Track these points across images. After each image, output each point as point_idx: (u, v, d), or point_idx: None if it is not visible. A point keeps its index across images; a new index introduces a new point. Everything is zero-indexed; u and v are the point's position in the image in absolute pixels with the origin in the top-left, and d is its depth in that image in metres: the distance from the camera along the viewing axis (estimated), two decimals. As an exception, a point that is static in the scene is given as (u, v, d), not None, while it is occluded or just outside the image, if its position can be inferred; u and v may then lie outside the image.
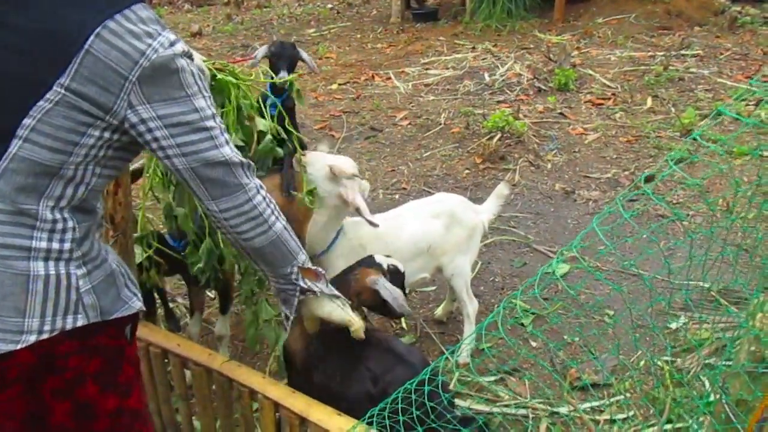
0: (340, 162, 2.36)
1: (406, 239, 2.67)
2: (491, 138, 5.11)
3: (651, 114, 5.59)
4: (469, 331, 2.87)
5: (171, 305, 3.11)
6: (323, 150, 2.59)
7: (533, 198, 4.41)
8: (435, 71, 7.25)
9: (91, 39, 1.12)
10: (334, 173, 2.31)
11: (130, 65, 1.14)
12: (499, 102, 6.12)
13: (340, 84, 7.16)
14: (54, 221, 1.20)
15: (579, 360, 2.82)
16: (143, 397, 1.47)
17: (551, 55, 6.97)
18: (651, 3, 8.66)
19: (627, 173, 4.65)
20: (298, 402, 1.77)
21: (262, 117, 2.08)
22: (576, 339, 2.94)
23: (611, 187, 4.48)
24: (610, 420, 2.43)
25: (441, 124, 5.73)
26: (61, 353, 1.22)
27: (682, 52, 7.00)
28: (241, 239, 1.36)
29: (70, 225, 1.22)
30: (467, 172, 4.87)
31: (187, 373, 2.10)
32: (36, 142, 1.14)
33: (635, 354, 2.79)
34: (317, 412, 1.72)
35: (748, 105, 5.16)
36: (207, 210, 1.33)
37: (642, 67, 6.65)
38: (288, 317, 1.59)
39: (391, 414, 1.44)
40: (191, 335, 2.65)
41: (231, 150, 1.28)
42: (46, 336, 1.18)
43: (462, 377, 2.74)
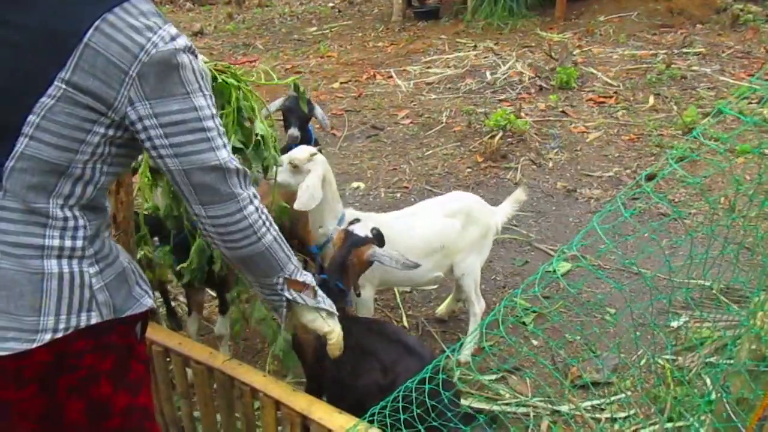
0: (294, 152, 2.43)
1: (418, 238, 2.67)
2: (493, 136, 5.10)
3: (653, 112, 5.58)
4: (474, 327, 2.88)
5: (172, 303, 3.12)
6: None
7: (535, 196, 4.41)
8: (436, 70, 7.24)
9: (91, 32, 1.11)
10: (294, 165, 2.39)
11: (130, 60, 1.13)
12: (501, 100, 6.11)
13: (341, 83, 7.16)
14: (65, 219, 1.20)
15: (581, 358, 2.82)
16: (151, 395, 1.48)
17: (553, 54, 6.96)
18: (653, 1, 8.65)
19: (629, 171, 4.65)
20: (299, 400, 1.77)
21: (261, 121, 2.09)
22: (577, 338, 2.94)
23: (613, 186, 4.48)
24: (611, 419, 2.43)
25: (443, 122, 5.73)
26: (76, 351, 1.23)
27: (684, 50, 6.99)
28: (226, 247, 1.31)
29: (81, 223, 1.22)
30: (469, 170, 4.87)
31: (189, 372, 2.11)
32: (41, 140, 1.14)
33: (636, 352, 2.78)
34: (319, 410, 1.73)
35: (750, 103, 5.15)
36: (194, 213, 1.28)
37: (644, 65, 6.64)
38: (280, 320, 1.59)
39: (397, 411, 1.44)
40: (189, 334, 2.66)
41: (228, 154, 1.24)
42: (61, 334, 1.19)
43: (463, 375, 2.74)
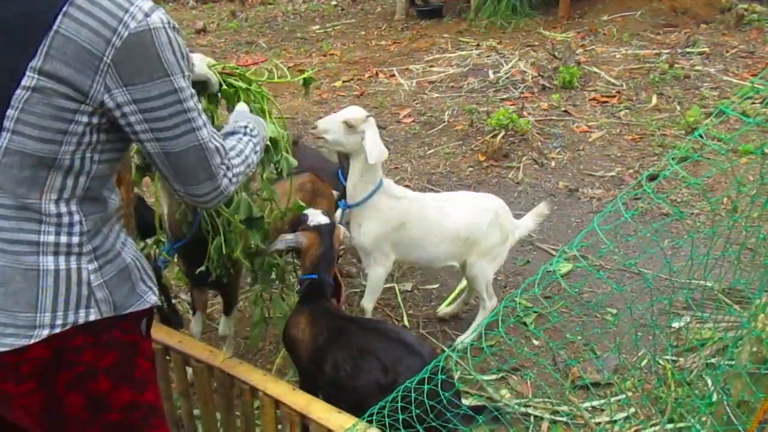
0: (349, 113, 2.46)
1: (451, 222, 2.72)
2: (495, 136, 5.09)
3: (656, 112, 5.56)
4: (481, 320, 2.91)
5: (173, 301, 3.12)
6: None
7: (537, 196, 4.39)
8: (439, 68, 7.23)
9: (60, 18, 1.07)
10: (350, 125, 2.42)
11: (102, 45, 1.09)
12: (503, 99, 6.10)
13: (344, 81, 7.15)
14: (59, 215, 1.18)
15: (582, 359, 2.81)
16: (159, 393, 1.47)
17: (556, 53, 6.94)
18: (657, 0, 8.62)
19: (631, 171, 4.63)
20: (298, 399, 1.77)
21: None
22: (578, 338, 2.93)
23: (615, 186, 4.46)
24: (611, 420, 2.43)
25: (445, 121, 5.72)
26: (74, 347, 1.22)
27: (687, 49, 6.96)
28: (205, 207, 1.41)
29: (76, 219, 1.20)
30: (470, 169, 4.86)
31: (189, 370, 2.11)
32: (24, 133, 1.12)
33: (637, 353, 2.78)
34: (318, 409, 1.72)
35: (753, 103, 5.13)
36: (172, 188, 1.28)
37: (647, 65, 6.62)
38: None
39: (397, 411, 1.44)
40: (193, 334, 2.65)
41: (208, 132, 1.23)
42: (58, 330, 1.18)
43: (463, 375, 2.73)
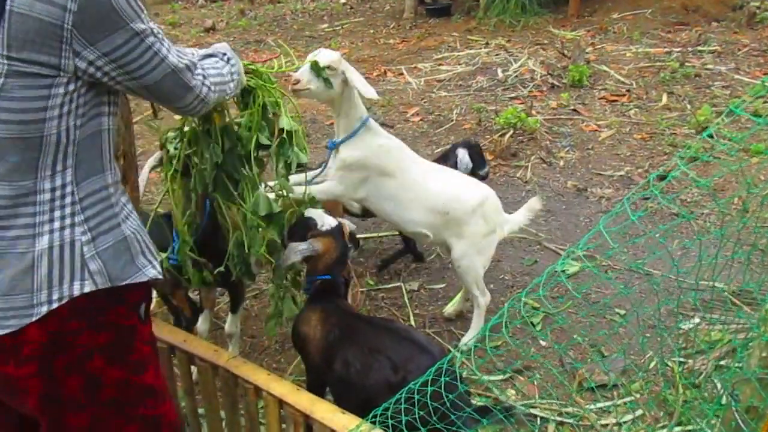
0: (325, 57, 2.46)
1: (432, 191, 2.70)
2: (503, 134, 5.06)
3: (666, 111, 5.52)
4: (478, 321, 2.86)
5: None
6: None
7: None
8: (447, 67, 7.20)
9: None
10: (332, 68, 2.44)
11: (59, 13, 1.10)
12: (512, 98, 6.07)
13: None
14: (53, 189, 1.21)
15: (589, 360, 2.78)
16: (161, 376, 1.49)
17: (565, 51, 6.90)
18: (668, -2, 8.56)
19: (641, 171, 4.59)
20: (302, 399, 1.76)
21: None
22: (586, 339, 2.91)
23: (624, 185, 4.43)
24: (617, 423, 2.40)
25: (453, 120, 5.69)
26: (71, 331, 1.25)
27: (698, 48, 6.90)
28: (189, 114, 1.51)
29: (68, 190, 1.23)
30: (478, 168, 4.83)
31: (193, 369, 2.11)
32: (7, 120, 1.13)
33: (645, 355, 2.75)
34: (322, 409, 1.72)
35: (765, 102, 5.07)
36: (157, 105, 1.46)
37: (657, 64, 6.56)
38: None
39: (406, 411, 1.43)
40: (200, 333, 2.65)
41: (174, 56, 1.29)
42: (56, 305, 1.21)
43: (468, 376, 2.72)
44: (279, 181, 2.06)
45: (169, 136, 1.97)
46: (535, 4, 9.05)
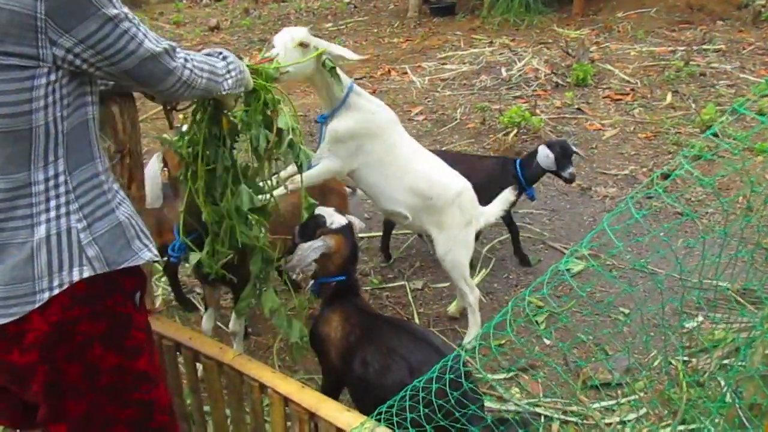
0: (296, 34, 2.41)
1: (416, 174, 2.68)
2: (507, 133, 5.07)
3: (670, 110, 5.51)
4: (473, 318, 2.85)
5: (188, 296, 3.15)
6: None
7: (549, 194, 4.37)
8: (451, 66, 7.20)
9: None
10: (305, 44, 2.40)
11: (31, 3, 1.13)
12: (516, 97, 6.07)
13: (356, 79, 7.14)
14: (47, 179, 1.24)
15: (593, 359, 2.79)
16: (155, 361, 1.53)
17: (569, 50, 6.89)
18: (672, -3, 8.55)
19: (645, 170, 4.59)
20: (307, 397, 1.77)
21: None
22: (590, 338, 2.91)
23: (628, 184, 4.42)
24: (621, 421, 2.41)
25: (457, 119, 5.70)
26: (72, 319, 1.29)
27: (703, 46, 6.88)
28: (175, 98, 1.51)
29: (62, 179, 1.26)
30: (482, 167, 4.83)
31: (199, 367, 2.12)
32: None
33: (649, 354, 2.75)
34: (327, 407, 1.72)
35: (770, 101, 5.06)
36: (140, 90, 1.49)
37: (662, 62, 6.55)
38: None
39: (411, 410, 1.44)
40: (204, 331, 2.66)
41: (150, 41, 1.30)
42: (56, 291, 1.25)
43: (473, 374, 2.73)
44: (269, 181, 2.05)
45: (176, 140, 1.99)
46: (540, 2, 9.04)
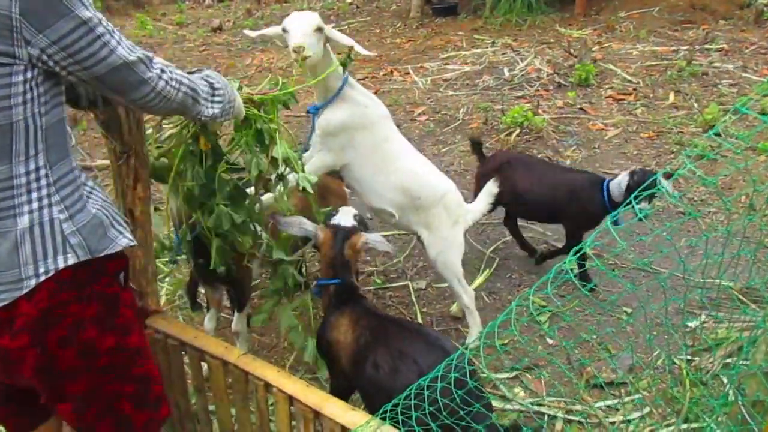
0: (310, 19, 2.37)
1: (405, 173, 2.69)
2: (510, 133, 5.07)
3: (673, 109, 5.51)
4: (472, 319, 2.85)
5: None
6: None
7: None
8: (454, 66, 7.21)
9: None
10: (320, 27, 2.35)
11: (6, 2, 1.14)
12: (518, 97, 6.07)
13: (358, 79, 7.14)
14: (28, 173, 1.28)
15: (597, 358, 2.79)
16: (144, 335, 1.62)
17: (572, 50, 6.89)
18: (675, -4, 8.54)
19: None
20: (312, 396, 1.78)
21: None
22: (594, 337, 2.92)
23: (631, 184, 4.42)
24: (625, 420, 2.41)
25: (459, 119, 5.71)
26: (60, 303, 1.34)
27: (706, 46, 6.88)
28: (149, 113, 1.49)
29: (42, 173, 1.30)
30: (485, 167, 4.84)
31: (204, 366, 2.13)
32: None
33: (653, 352, 2.76)
34: (331, 406, 1.73)
35: (773, 100, 5.06)
36: (114, 99, 1.49)
37: (665, 62, 6.55)
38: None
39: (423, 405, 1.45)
40: (207, 331, 2.67)
41: (124, 49, 1.30)
42: (43, 278, 1.30)
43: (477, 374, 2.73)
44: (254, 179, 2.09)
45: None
46: (542, 3, 9.05)
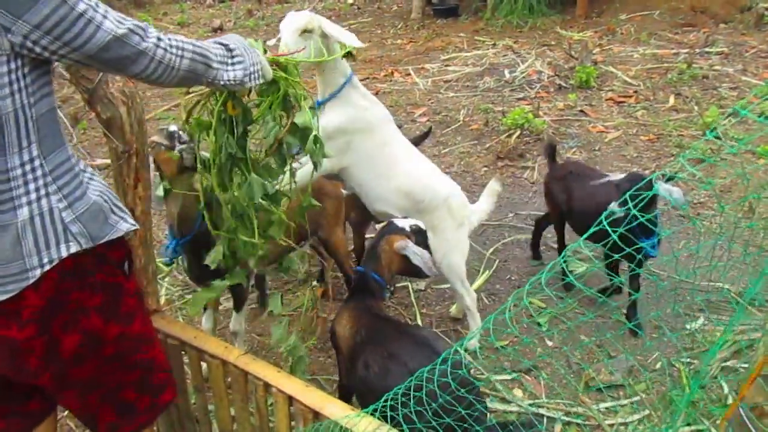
0: (299, 20, 2.42)
1: (411, 175, 2.66)
2: (510, 135, 5.08)
3: (673, 112, 5.51)
4: (473, 321, 2.86)
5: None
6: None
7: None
8: (455, 67, 7.22)
9: None
10: (309, 29, 2.39)
11: None
12: (519, 99, 6.08)
13: (359, 80, 7.15)
14: (23, 164, 1.27)
15: (596, 360, 2.80)
16: (148, 323, 1.63)
17: (573, 52, 6.90)
18: (676, -1, 8.55)
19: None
20: (312, 397, 1.78)
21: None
22: (592, 339, 2.92)
23: (631, 186, 4.43)
24: (624, 422, 2.42)
25: (460, 120, 5.71)
26: (64, 290, 1.35)
27: (706, 49, 6.88)
28: (156, 84, 1.41)
29: (37, 163, 1.29)
30: (485, 169, 4.85)
31: (203, 366, 2.13)
32: None
33: (652, 355, 2.76)
34: (331, 407, 1.73)
35: (773, 104, 5.06)
36: (117, 76, 1.47)
37: (665, 65, 6.56)
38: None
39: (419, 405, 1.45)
40: (204, 331, 2.68)
41: (112, 23, 1.25)
42: (47, 267, 1.31)
43: (475, 375, 2.73)
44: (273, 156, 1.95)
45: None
46: (543, 4, 9.05)
